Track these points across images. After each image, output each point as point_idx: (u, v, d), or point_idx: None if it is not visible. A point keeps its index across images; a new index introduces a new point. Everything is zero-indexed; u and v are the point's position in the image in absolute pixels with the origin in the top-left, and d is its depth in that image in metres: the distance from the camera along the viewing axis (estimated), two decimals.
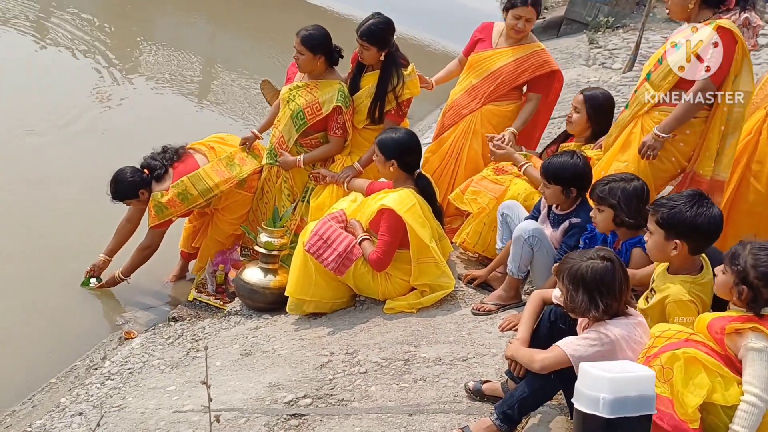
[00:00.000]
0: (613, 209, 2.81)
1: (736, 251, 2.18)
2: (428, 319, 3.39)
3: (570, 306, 2.27)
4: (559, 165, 3.19)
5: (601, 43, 10.68)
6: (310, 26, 4.02)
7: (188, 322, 3.96)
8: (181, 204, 4.05)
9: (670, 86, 3.20)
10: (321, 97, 4.03)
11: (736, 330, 2.12)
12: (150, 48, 9.48)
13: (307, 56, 4.00)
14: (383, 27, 3.95)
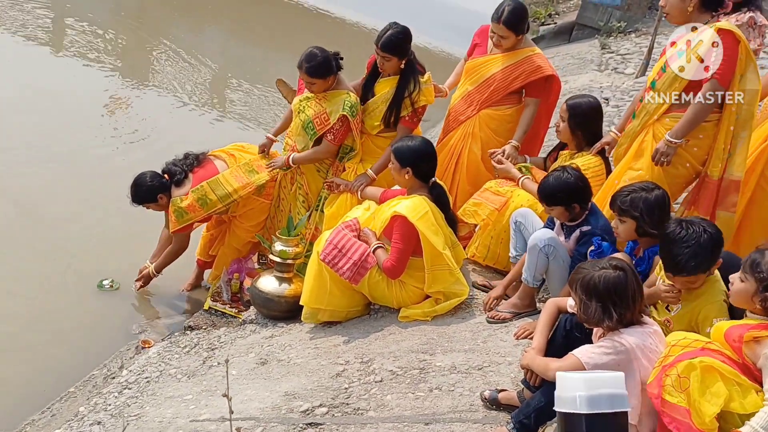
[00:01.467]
0: (636, 221, 2.81)
1: (756, 259, 2.17)
2: (443, 327, 3.39)
3: (583, 316, 2.27)
4: (552, 188, 3.18)
5: (613, 48, 10.65)
6: (308, 55, 4.00)
7: (204, 330, 3.99)
8: (201, 209, 4.09)
9: (678, 92, 3.20)
10: (329, 108, 4.07)
11: (755, 338, 2.10)
12: (163, 58, 9.58)
13: (319, 83, 4.05)
14: (402, 37, 3.98)
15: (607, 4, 13.37)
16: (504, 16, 3.95)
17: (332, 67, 4.04)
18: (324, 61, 3.99)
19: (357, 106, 4.09)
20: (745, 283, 2.19)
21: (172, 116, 7.52)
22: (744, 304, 2.24)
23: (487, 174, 4.15)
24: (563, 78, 9.08)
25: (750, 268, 2.18)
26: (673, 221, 2.54)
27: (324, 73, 4.01)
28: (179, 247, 4.33)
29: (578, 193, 3.17)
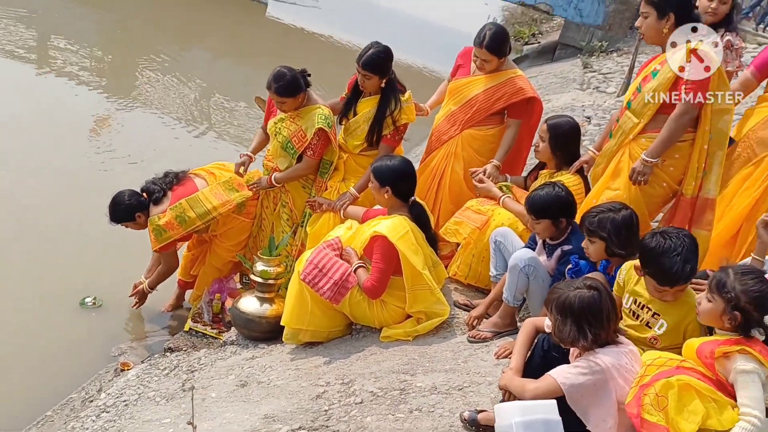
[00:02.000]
0: (604, 241, 2.84)
1: (722, 279, 2.21)
2: (424, 347, 3.38)
3: (559, 336, 2.28)
4: (543, 199, 3.21)
5: (595, 67, 10.79)
6: (276, 75, 4.02)
7: (184, 352, 3.95)
8: (179, 227, 4.08)
9: (652, 113, 3.25)
10: (304, 125, 4.10)
11: (725, 353, 2.14)
12: (148, 77, 9.58)
13: (289, 101, 4.07)
14: (383, 56, 4.01)
15: (589, 24, 13.57)
16: (486, 41, 4.00)
17: (301, 85, 4.06)
18: (292, 79, 4.02)
19: (331, 117, 4.13)
20: (713, 303, 2.23)
21: (156, 134, 7.52)
22: (712, 322, 2.28)
23: (470, 193, 4.18)
24: (546, 97, 9.21)
25: (717, 288, 2.22)
26: (648, 236, 2.57)
27: (293, 92, 4.03)
28: (169, 266, 4.32)
29: (567, 208, 3.21)
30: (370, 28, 16.41)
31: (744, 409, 2.07)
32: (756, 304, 2.16)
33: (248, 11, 16.36)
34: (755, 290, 2.16)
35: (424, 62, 14.85)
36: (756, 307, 2.16)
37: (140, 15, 13.25)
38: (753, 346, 2.15)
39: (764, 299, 2.17)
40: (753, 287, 2.16)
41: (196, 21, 13.89)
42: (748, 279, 2.18)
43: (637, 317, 2.62)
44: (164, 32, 12.43)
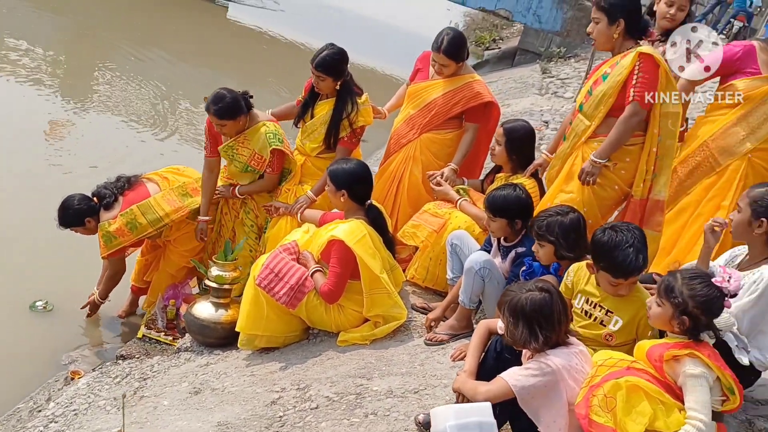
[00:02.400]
0: (553, 245, 2.87)
1: (670, 284, 2.24)
2: (381, 350, 3.37)
3: (511, 338, 2.29)
4: (503, 198, 3.24)
5: (553, 72, 10.97)
6: (214, 97, 3.93)
7: (137, 360, 3.86)
8: (130, 233, 3.99)
9: (603, 115, 3.30)
10: (257, 147, 4.05)
11: (674, 357, 2.16)
12: (105, 79, 9.40)
13: (230, 124, 4.00)
14: (338, 58, 4.00)
15: (548, 31, 13.80)
16: (443, 45, 4.03)
17: (241, 107, 3.98)
18: (232, 101, 3.93)
19: (278, 132, 4.08)
20: (662, 308, 2.26)
21: (114, 137, 7.38)
22: (662, 326, 2.31)
23: (428, 197, 4.19)
24: (506, 101, 9.32)
25: (665, 293, 2.25)
26: (599, 231, 2.60)
27: (233, 114, 3.95)
28: (115, 272, 4.22)
29: (524, 210, 3.24)
30: (333, 31, 16.39)
31: (691, 413, 2.10)
32: (703, 308, 2.19)
33: (209, 13, 16.20)
34: (702, 295, 2.19)
35: (387, 66, 14.90)
36: (703, 312, 2.19)
37: (98, 17, 13.01)
38: (701, 350, 2.18)
39: (711, 303, 2.20)
40: (700, 292, 2.19)
41: (156, 23, 13.69)
42: (695, 284, 2.21)
43: (590, 316, 2.64)
44: (122, 35, 12.19)
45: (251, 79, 11.32)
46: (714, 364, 2.16)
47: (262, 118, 4.12)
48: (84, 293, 4.43)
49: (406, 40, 18.06)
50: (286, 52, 14.67)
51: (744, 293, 2.53)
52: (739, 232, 2.65)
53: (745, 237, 2.66)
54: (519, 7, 14.32)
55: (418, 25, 21.07)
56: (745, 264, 2.66)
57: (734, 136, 3.52)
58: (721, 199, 3.53)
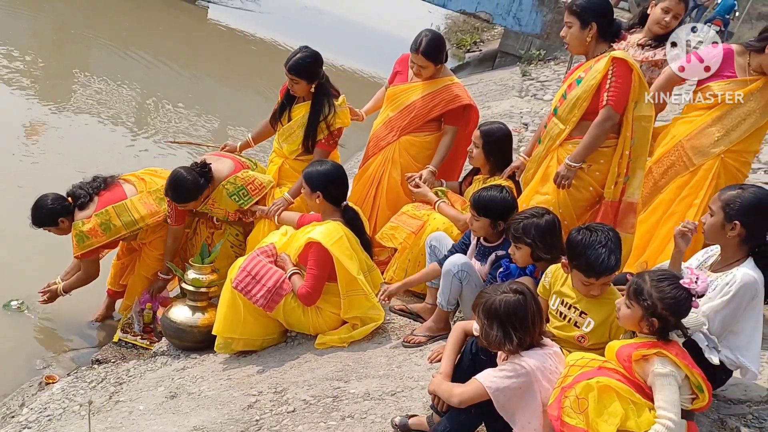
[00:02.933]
0: (530, 247, 2.89)
1: (639, 286, 2.26)
2: (359, 353, 3.37)
3: (486, 340, 2.30)
4: (490, 199, 3.26)
5: (533, 75, 11.05)
6: (173, 182, 3.90)
7: (113, 364, 3.82)
8: (103, 234, 3.94)
9: (577, 119, 3.33)
10: (228, 207, 4.10)
11: (643, 356, 2.19)
12: (84, 80, 9.31)
13: (192, 204, 4.01)
14: (311, 61, 3.99)
15: (528, 33, 13.90)
16: (422, 47, 4.04)
17: (199, 187, 3.95)
18: (192, 186, 3.91)
19: (238, 183, 4.06)
20: (631, 309, 2.28)
21: (91, 139, 7.30)
22: (632, 327, 2.33)
23: (407, 199, 4.21)
24: (486, 103, 9.37)
25: (634, 295, 2.27)
26: (574, 231, 2.63)
27: (193, 197, 3.96)
28: (88, 275, 4.16)
29: (508, 212, 3.25)
30: (313, 33, 16.37)
31: (660, 412, 2.12)
32: (672, 310, 2.22)
33: (189, 15, 16.11)
34: (671, 297, 2.21)
35: (367, 68, 14.91)
36: (672, 313, 2.22)
37: (77, 18, 12.89)
38: (670, 349, 2.20)
39: (679, 305, 2.22)
40: (669, 294, 2.22)
41: (136, 24, 13.59)
42: (664, 286, 2.23)
43: (565, 317, 2.67)
44: (102, 35, 12.09)
45: (231, 80, 11.28)
46: (682, 363, 2.18)
47: (221, 176, 4.07)
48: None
49: (386, 41, 18.09)
50: (265, 53, 14.63)
51: (716, 294, 2.56)
52: (711, 234, 2.67)
53: (717, 240, 2.68)
54: (499, 9, 14.42)
55: (398, 27, 21.12)
56: (718, 265, 2.69)
57: (709, 137, 3.58)
58: (693, 197, 3.59)
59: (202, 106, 9.25)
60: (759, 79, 3.47)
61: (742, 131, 3.52)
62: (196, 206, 4.08)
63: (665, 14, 3.78)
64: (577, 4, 3.32)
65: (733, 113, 3.53)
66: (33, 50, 10.04)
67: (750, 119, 3.50)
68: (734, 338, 2.59)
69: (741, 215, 2.55)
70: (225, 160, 4.20)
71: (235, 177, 4.09)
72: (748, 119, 3.50)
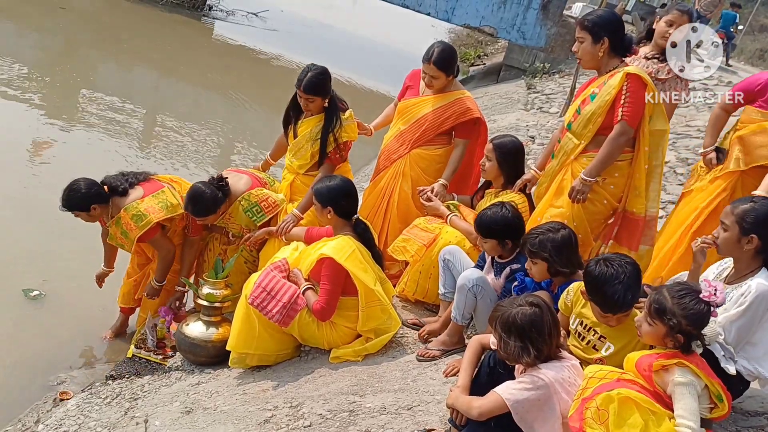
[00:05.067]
0: (546, 261, 2.90)
1: (661, 304, 2.26)
2: (374, 366, 3.37)
3: (504, 353, 2.31)
4: (490, 220, 3.28)
5: (538, 88, 11.09)
6: (192, 197, 3.92)
7: (127, 380, 3.83)
8: (161, 211, 3.96)
9: (592, 134, 3.35)
10: (242, 223, 4.16)
11: (663, 366, 2.20)
12: (92, 97, 9.38)
13: (211, 218, 4.05)
14: (322, 78, 4.03)
15: (532, 47, 13.98)
16: (434, 56, 4.08)
17: (217, 201, 3.99)
18: (211, 201, 3.95)
19: (253, 200, 4.13)
20: (653, 327, 2.28)
21: (98, 154, 7.34)
22: (655, 343, 2.33)
23: (417, 212, 4.22)
24: (492, 117, 9.42)
25: (657, 314, 2.27)
26: (592, 263, 2.60)
27: (212, 211, 3.99)
28: (167, 250, 4.11)
29: (513, 230, 3.27)
30: (318, 48, 16.48)
31: (680, 420, 2.13)
32: (696, 325, 2.23)
33: (195, 31, 16.27)
34: (694, 312, 2.22)
35: (370, 81, 14.99)
36: (695, 328, 2.23)
37: (83, 35, 13.01)
38: (689, 359, 2.22)
39: (702, 318, 2.23)
40: (692, 309, 2.22)
41: (142, 42, 13.71)
42: (687, 302, 2.23)
43: (584, 339, 2.67)
44: (108, 52, 12.21)
45: (238, 95, 11.36)
46: (702, 372, 2.19)
47: (238, 190, 4.14)
48: (77, 305, 4.42)
49: (390, 56, 18.18)
50: (271, 68, 14.73)
51: (732, 305, 2.58)
52: (726, 248, 2.67)
53: (732, 253, 2.68)
54: (503, 23, 14.52)
55: (402, 41, 21.23)
56: (732, 277, 2.70)
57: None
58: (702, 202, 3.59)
59: (208, 122, 9.32)
60: None
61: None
62: (215, 220, 4.12)
63: (669, 27, 3.82)
64: (588, 20, 3.35)
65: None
66: (40, 67, 10.13)
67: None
68: (752, 349, 2.60)
69: (757, 228, 2.56)
70: (243, 176, 4.24)
71: (249, 194, 4.13)
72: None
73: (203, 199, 3.92)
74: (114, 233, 4.02)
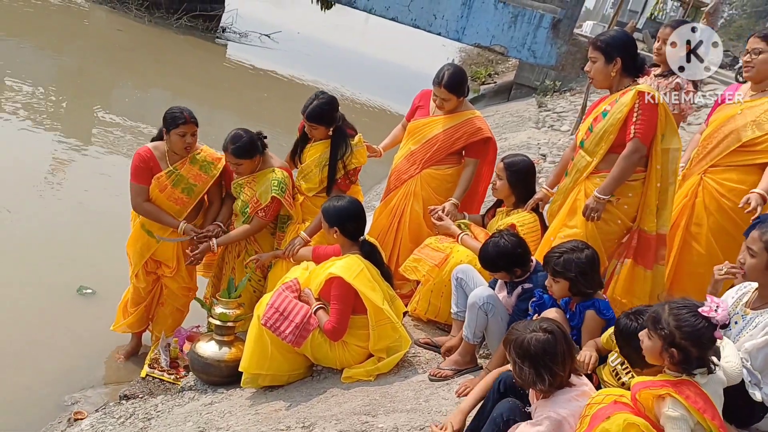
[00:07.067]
0: (570, 281, 2.89)
1: (658, 315, 2.18)
2: (386, 386, 3.36)
3: (518, 378, 2.31)
4: (492, 256, 3.26)
5: (549, 106, 11.11)
6: (232, 136, 3.98)
7: (141, 399, 3.84)
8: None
9: (604, 152, 3.36)
10: (258, 191, 4.08)
11: (659, 395, 2.10)
12: (107, 118, 9.51)
13: (246, 163, 4.04)
14: (327, 107, 4.07)
15: (543, 65, 14.03)
16: (444, 80, 4.11)
17: (257, 148, 4.03)
18: (249, 141, 3.99)
19: (285, 181, 4.09)
20: (652, 341, 2.20)
21: (112, 174, 7.42)
22: (655, 360, 2.24)
23: (429, 231, 4.23)
24: (503, 135, 9.44)
25: (653, 325, 2.19)
26: (622, 317, 2.57)
27: (250, 154, 4.00)
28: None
29: (517, 259, 3.26)
30: (330, 68, 16.62)
31: None
32: (692, 339, 2.10)
33: (209, 52, 16.47)
34: (689, 324, 2.11)
35: (381, 100, 15.07)
36: (692, 344, 2.10)
37: (99, 57, 13.21)
38: (682, 390, 2.09)
39: (699, 334, 2.10)
40: (686, 322, 2.11)
41: (156, 63, 13.90)
42: (682, 313, 2.13)
43: (619, 379, 2.61)
44: (123, 73, 12.38)
45: (250, 115, 11.47)
46: (692, 407, 2.06)
47: (275, 163, 4.15)
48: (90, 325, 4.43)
49: (401, 75, 18.30)
50: (284, 89, 14.86)
51: (759, 332, 2.53)
52: (754, 275, 2.60)
53: (760, 279, 2.61)
54: (514, 42, 14.59)
55: (413, 61, 21.37)
56: (757, 302, 2.63)
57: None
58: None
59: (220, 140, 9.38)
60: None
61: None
62: (247, 170, 4.07)
63: (657, 41, 3.89)
64: (601, 40, 3.37)
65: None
66: (56, 89, 10.30)
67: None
68: None
69: None
70: (279, 159, 4.26)
71: (285, 174, 4.10)
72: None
73: (242, 140, 3.96)
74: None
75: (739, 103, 3.55)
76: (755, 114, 3.47)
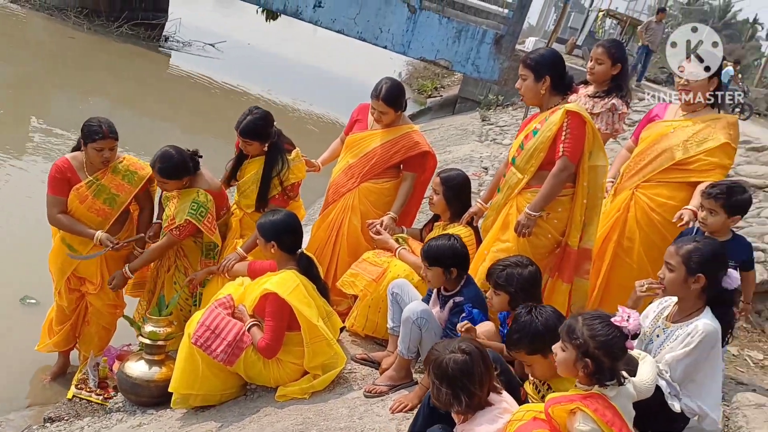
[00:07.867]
0: (510, 295, 2.93)
1: (571, 325, 2.21)
2: (320, 404, 3.32)
3: (436, 399, 2.31)
4: (438, 248, 3.29)
5: (492, 120, 11.30)
6: (162, 155, 3.85)
7: (66, 422, 3.68)
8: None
9: (535, 169, 3.42)
10: (176, 209, 3.92)
11: (571, 410, 2.12)
12: (44, 128, 9.19)
13: (171, 183, 3.91)
14: (261, 123, 4.01)
15: (486, 79, 14.26)
16: (382, 93, 4.12)
17: (186, 169, 3.89)
18: (179, 162, 3.85)
19: (207, 205, 3.92)
20: (566, 352, 2.21)
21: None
22: (569, 372, 2.25)
23: (367, 245, 4.22)
24: (447, 148, 9.53)
25: (567, 335, 2.20)
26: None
27: (175, 175, 3.87)
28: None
29: (459, 260, 3.29)
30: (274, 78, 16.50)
31: None
32: (604, 349, 2.12)
33: (151, 61, 16.15)
34: (602, 334, 2.13)
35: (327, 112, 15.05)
36: (605, 353, 2.12)
37: (36, 66, 12.80)
38: (591, 403, 2.10)
39: (611, 344, 2.12)
40: (600, 331, 2.13)
41: (97, 72, 13.55)
42: (596, 323, 2.16)
43: (539, 392, 2.65)
44: (62, 83, 12.01)
45: (192, 125, 11.27)
46: (600, 420, 2.07)
47: (202, 185, 3.97)
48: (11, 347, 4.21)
49: (347, 87, 18.32)
50: (226, 98, 14.69)
51: (678, 345, 2.61)
52: (673, 289, 2.68)
53: (679, 293, 2.69)
54: (458, 57, 14.81)
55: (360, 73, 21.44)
56: (676, 316, 2.72)
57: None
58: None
59: None
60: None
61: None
62: (173, 188, 3.94)
63: (590, 61, 4.06)
64: (531, 58, 3.44)
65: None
66: None
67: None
68: (694, 386, 2.63)
69: (704, 267, 2.60)
70: (217, 182, 4.13)
71: (208, 198, 3.94)
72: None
73: (172, 161, 3.82)
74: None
75: (670, 122, 3.70)
76: (686, 134, 3.61)
